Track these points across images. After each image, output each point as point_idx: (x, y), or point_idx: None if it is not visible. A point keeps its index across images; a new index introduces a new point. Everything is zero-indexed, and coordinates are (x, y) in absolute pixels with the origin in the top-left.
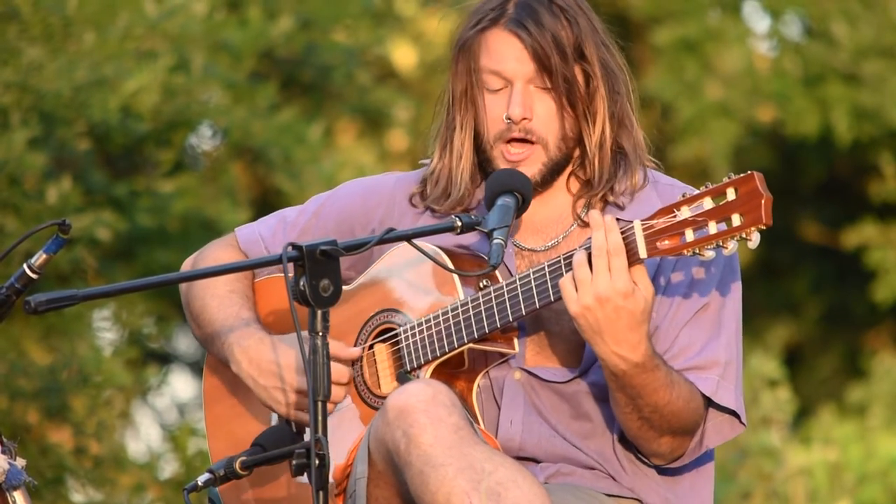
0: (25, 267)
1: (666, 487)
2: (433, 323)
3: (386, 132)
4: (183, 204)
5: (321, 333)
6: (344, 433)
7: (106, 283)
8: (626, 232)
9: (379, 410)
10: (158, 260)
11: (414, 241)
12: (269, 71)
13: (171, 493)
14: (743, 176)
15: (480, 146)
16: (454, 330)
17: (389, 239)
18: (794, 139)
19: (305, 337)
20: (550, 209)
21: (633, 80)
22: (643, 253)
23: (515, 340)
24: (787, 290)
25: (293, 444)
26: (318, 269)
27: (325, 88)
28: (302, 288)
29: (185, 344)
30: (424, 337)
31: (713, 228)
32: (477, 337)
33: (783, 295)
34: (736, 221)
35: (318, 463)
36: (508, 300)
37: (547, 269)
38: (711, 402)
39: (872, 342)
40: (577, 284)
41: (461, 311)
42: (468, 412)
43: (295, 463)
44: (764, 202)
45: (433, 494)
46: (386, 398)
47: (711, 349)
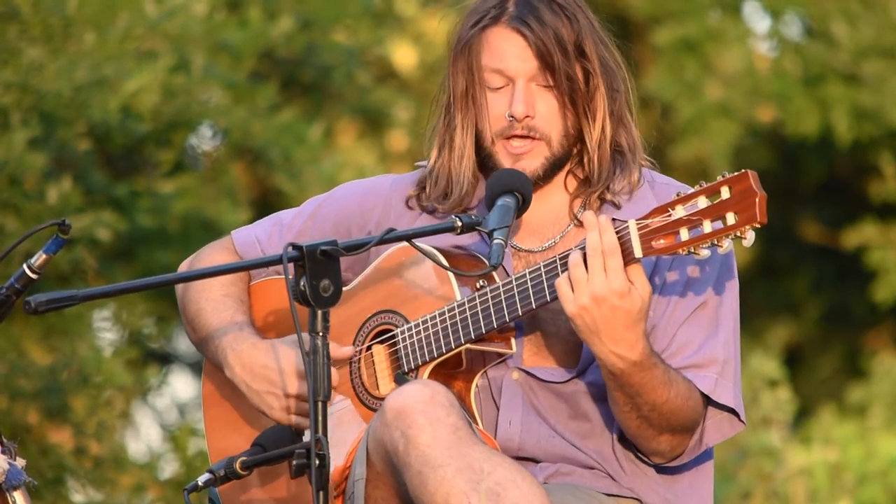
0: (25, 267)
1: (665, 486)
2: (430, 324)
3: (386, 132)
4: (183, 204)
5: (321, 334)
6: (343, 435)
7: (106, 283)
8: (621, 231)
9: (377, 411)
10: (158, 260)
11: (413, 241)
12: (269, 71)
13: (171, 493)
14: (737, 174)
15: (481, 144)
16: (451, 330)
17: (390, 239)
18: (794, 139)
19: (305, 338)
20: (547, 209)
21: (631, 78)
22: (638, 252)
23: (513, 340)
24: (787, 290)
25: (293, 444)
26: (318, 269)
27: (325, 89)
28: (302, 288)
29: (185, 344)
30: (422, 338)
31: (708, 227)
32: (474, 337)
33: (783, 295)
34: (730, 220)
35: (318, 463)
36: (505, 300)
37: (543, 269)
38: (710, 400)
39: (872, 342)
40: (573, 284)
41: (458, 311)
42: (466, 413)
43: (295, 463)
44: (758, 200)
45: (432, 495)
46: (384, 399)
47: (709, 347)
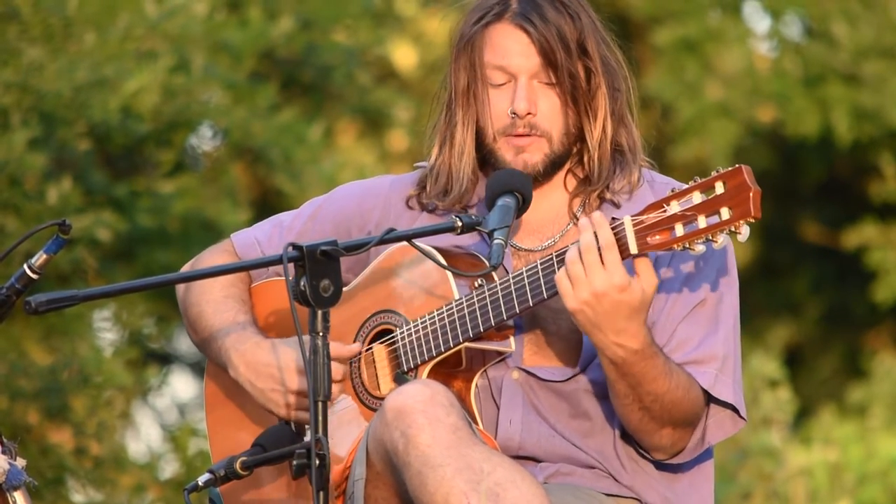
0: (26, 267)
1: (665, 485)
2: (429, 323)
3: (386, 132)
4: (183, 204)
5: (322, 334)
6: (343, 435)
7: (106, 283)
8: (616, 228)
9: (377, 411)
10: (159, 260)
11: (413, 241)
12: (269, 71)
13: (171, 493)
14: (731, 170)
15: (482, 141)
16: (449, 329)
17: (390, 239)
18: (794, 139)
19: (305, 339)
20: (547, 208)
21: (632, 77)
22: (634, 248)
23: (511, 339)
24: (787, 290)
25: (293, 444)
26: (318, 269)
27: (325, 89)
28: (302, 288)
29: (185, 344)
30: (420, 337)
31: (703, 222)
32: (472, 336)
33: (783, 295)
34: (725, 215)
35: (318, 463)
36: (502, 298)
37: (540, 266)
38: (711, 397)
39: (873, 342)
40: (572, 281)
41: (456, 310)
42: (466, 412)
43: (295, 463)
44: (752, 195)
45: (431, 495)
46: (384, 399)
47: (709, 344)
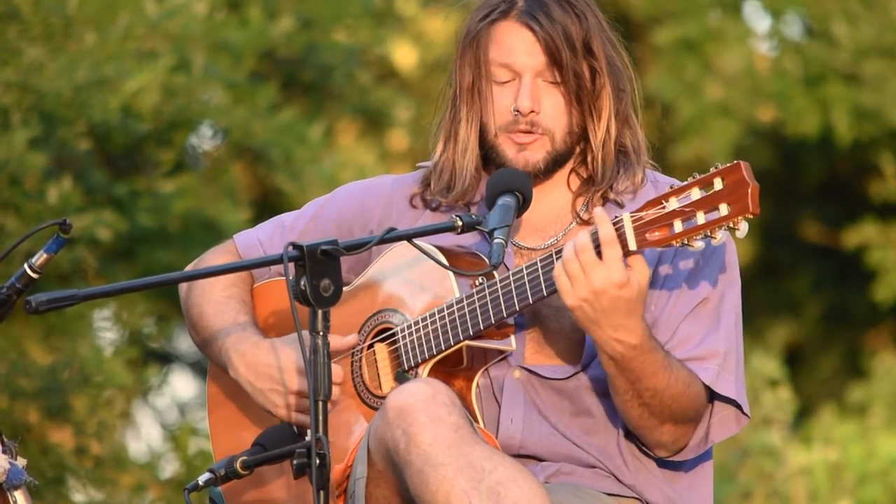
0: (26, 266)
1: (667, 485)
2: (429, 321)
3: (386, 132)
4: (183, 204)
5: (322, 333)
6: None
7: (106, 282)
8: (616, 224)
9: (378, 410)
10: (159, 260)
11: (413, 240)
12: (269, 71)
13: (171, 492)
14: (729, 166)
15: (485, 138)
16: (450, 327)
17: (390, 239)
18: (794, 139)
19: (306, 336)
20: (550, 207)
21: (637, 79)
22: (633, 245)
23: (512, 338)
24: (787, 289)
25: (294, 443)
26: (318, 268)
27: (325, 88)
28: (303, 288)
29: (185, 344)
30: (421, 335)
31: (701, 218)
32: (472, 334)
33: (784, 295)
34: (724, 211)
35: (318, 462)
36: (502, 296)
37: (539, 264)
38: (714, 394)
39: (873, 342)
40: (570, 278)
41: (456, 308)
42: (467, 411)
43: (296, 463)
44: (751, 191)
45: (433, 494)
46: (386, 398)
47: (710, 341)
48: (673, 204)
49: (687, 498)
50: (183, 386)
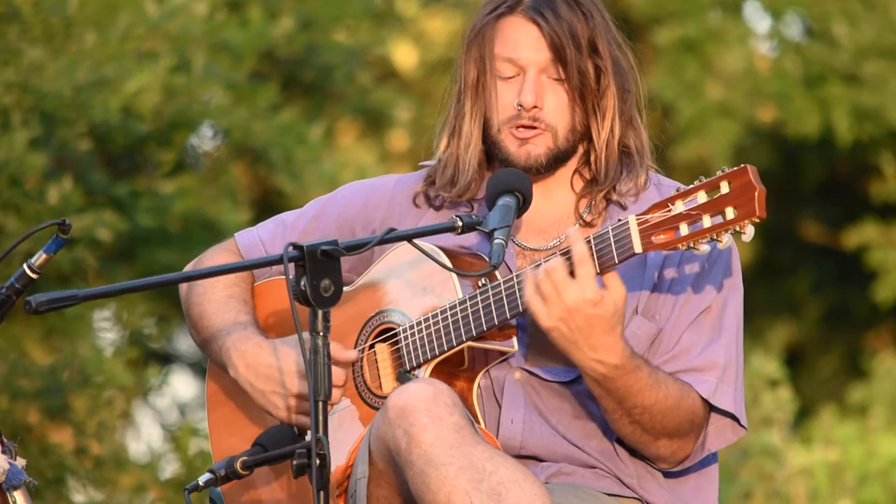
0: (26, 267)
1: (670, 489)
2: (432, 322)
3: (387, 132)
4: (184, 204)
5: (322, 333)
6: (345, 434)
7: (106, 283)
8: (621, 227)
9: (380, 410)
10: (159, 260)
11: (414, 240)
12: (269, 71)
13: (172, 493)
14: (736, 169)
15: (488, 133)
16: (452, 328)
17: (390, 239)
18: (794, 139)
19: (306, 337)
20: (553, 208)
21: (642, 80)
22: (638, 248)
23: (514, 339)
24: (787, 290)
25: (294, 443)
26: (319, 268)
27: (325, 89)
28: (303, 288)
29: (185, 344)
30: (423, 336)
31: (707, 222)
32: (475, 335)
33: (784, 295)
34: (730, 214)
35: (318, 463)
36: (505, 297)
37: (543, 264)
38: (712, 406)
39: (873, 342)
40: (544, 298)
41: (459, 309)
42: (469, 412)
43: (296, 463)
44: (757, 195)
45: (434, 494)
46: (387, 398)
47: (711, 352)
48: (679, 207)
49: (692, 501)
50: (183, 386)
